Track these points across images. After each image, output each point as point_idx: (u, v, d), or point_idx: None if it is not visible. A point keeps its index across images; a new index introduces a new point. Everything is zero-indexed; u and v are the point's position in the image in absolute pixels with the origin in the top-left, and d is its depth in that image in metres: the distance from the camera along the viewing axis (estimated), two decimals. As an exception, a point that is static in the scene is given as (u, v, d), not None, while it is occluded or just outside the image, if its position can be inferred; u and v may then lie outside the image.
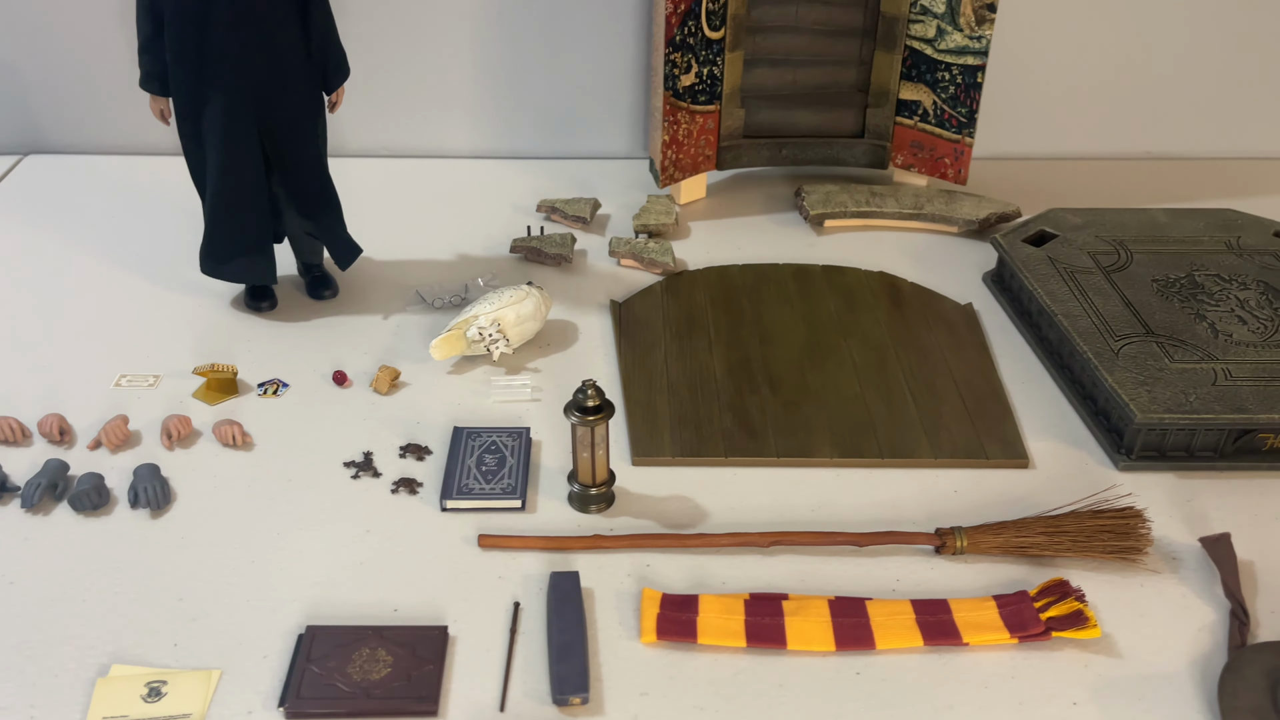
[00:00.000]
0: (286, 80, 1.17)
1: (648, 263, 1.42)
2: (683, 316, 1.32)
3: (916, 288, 1.39)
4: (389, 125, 1.69)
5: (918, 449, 1.11)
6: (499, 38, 1.63)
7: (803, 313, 1.33)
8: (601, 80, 1.67)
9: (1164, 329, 1.19)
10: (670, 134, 1.50)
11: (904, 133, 1.57)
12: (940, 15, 1.47)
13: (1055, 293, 1.26)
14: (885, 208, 1.54)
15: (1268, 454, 1.10)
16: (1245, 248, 1.36)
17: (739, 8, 1.49)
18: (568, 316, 1.33)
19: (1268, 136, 1.75)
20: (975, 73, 1.47)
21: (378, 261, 1.42)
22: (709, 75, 1.51)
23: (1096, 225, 1.40)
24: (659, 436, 1.12)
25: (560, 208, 1.53)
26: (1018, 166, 1.72)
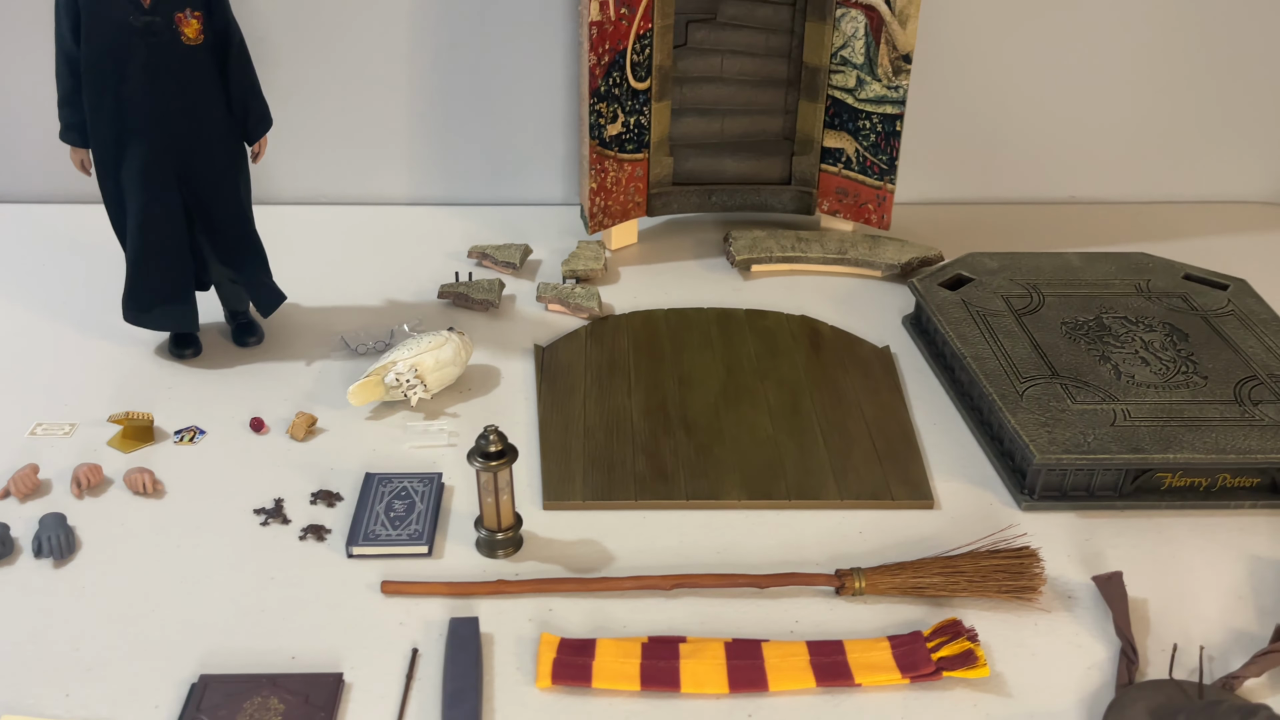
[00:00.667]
0: (206, 132, 1.19)
1: (574, 307, 1.44)
2: (604, 360, 1.34)
3: (836, 331, 1.42)
4: (325, 172, 1.71)
5: (825, 490, 1.13)
6: (435, 86, 1.66)
7: (723, 356, 1.35)
8: (535, 127, 1.70)
9: (1069, 370, 1.22)
10: (598, 182, 1.53)
11: (829, 179, 1.61)
12: (860, 66, 1.51)
13: (966, 336, 1.29)
14: (810, 253, 1.57)
15: (1166, 493, 1.13)
16: (1154, 290, 1.39)
17: (664, 59, 1.53)
18: (491, 361, 1.35)
19: (1183, 181, 1.80)
20: (894, 121, 1.51)
21: (306, 308, 1.44)
22: (636, 124, 1.54)
23: (1012, 269, 1.44)
24: (571, 481, 1.13)
25: (491, 254, 1.55)
26: (942, 211, 1.76)
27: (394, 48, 1.62)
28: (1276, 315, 1.34)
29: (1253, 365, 1.24)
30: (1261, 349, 1.27)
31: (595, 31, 1.43)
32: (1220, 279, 1.42)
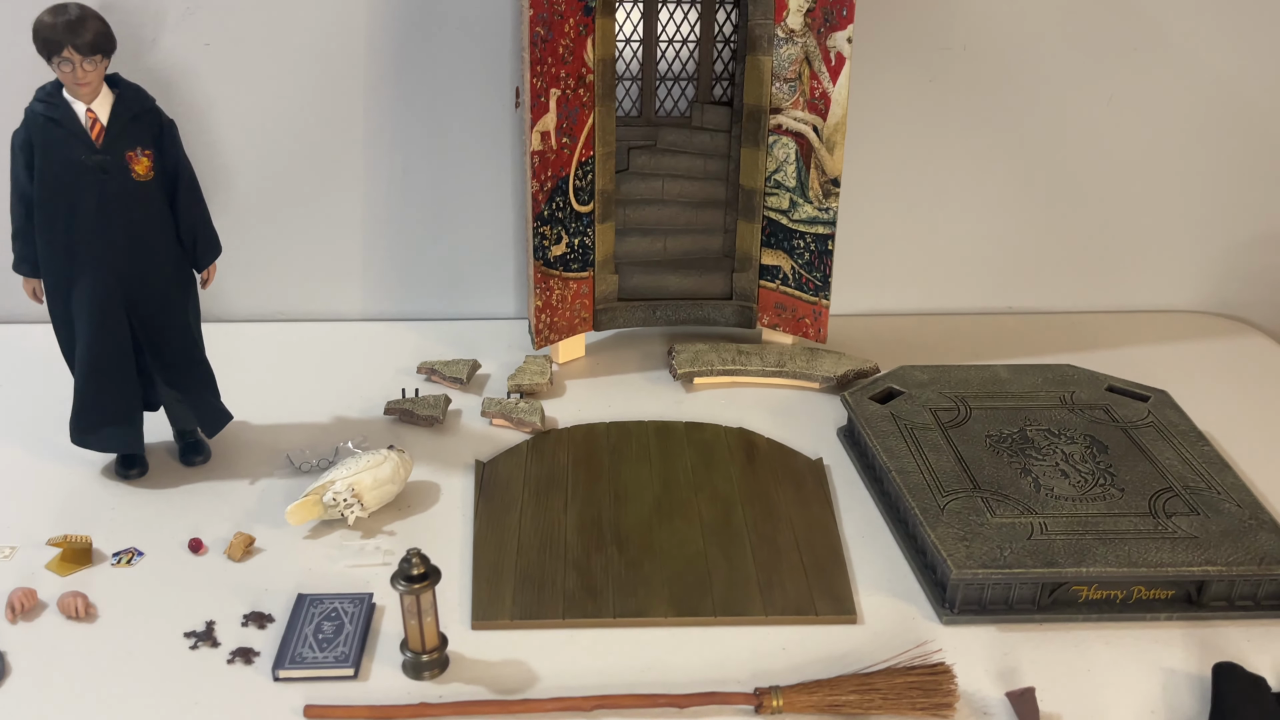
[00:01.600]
0: (154, 261, 1.24)
1: (517, 422, 1.48)
2: (543, 475, 1.37)
3: (772, 443, 1.45)
4: (281, 290, 1.76)
5: (751, 607, 1.15)
6: (389, 207, 1.73)
7: (660, 469, 1.38)
8: (487, 245, 1.76)
9: (990, 484, 1.26)
10: (543, 299, 1.58)
11: (768, 295, 1.67)
12: (792, 189, 1.58)
13: (893, 449, 1.33)
14: (750, 365, 1.62)
15: (1083, 606, 1.15)
16: (1078, 402, 1.44)
17: (606, 183, 1.60)
18: (433, 478, 1.38)
19: (1115, 290, 1.87)
20: (826, 241, 1.58)
21: (254, 426, 1.47)
22: (580, 245, 1.60)
23: (942, 382, 1.49)
24: (500, 600, 1.15)
25: (439, 369, 1.59)
26: (882, 322, 1.82)
27: (350, 170, 1.69)
28: (1195, 427, 1.39)
29: (1168, 477, 1.27)
30: (1178, 460, 1.31)
31: (537, 160, 1.50)
32: (1142, 391, 1.47)
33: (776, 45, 1.52)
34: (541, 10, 1.42)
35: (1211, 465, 1.30)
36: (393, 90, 1.64)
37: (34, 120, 1.17)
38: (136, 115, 1.19)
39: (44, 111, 1.16)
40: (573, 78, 1.49)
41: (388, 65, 1.63)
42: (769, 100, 1.55)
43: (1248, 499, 1.23)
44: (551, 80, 1.47)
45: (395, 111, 1.66)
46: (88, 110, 1.17)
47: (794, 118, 1.55)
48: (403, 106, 1.65)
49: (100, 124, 1.17)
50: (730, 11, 1.59)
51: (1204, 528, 1.18)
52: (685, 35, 1.60)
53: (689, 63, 1.62)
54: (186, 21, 1.56)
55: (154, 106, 1.22)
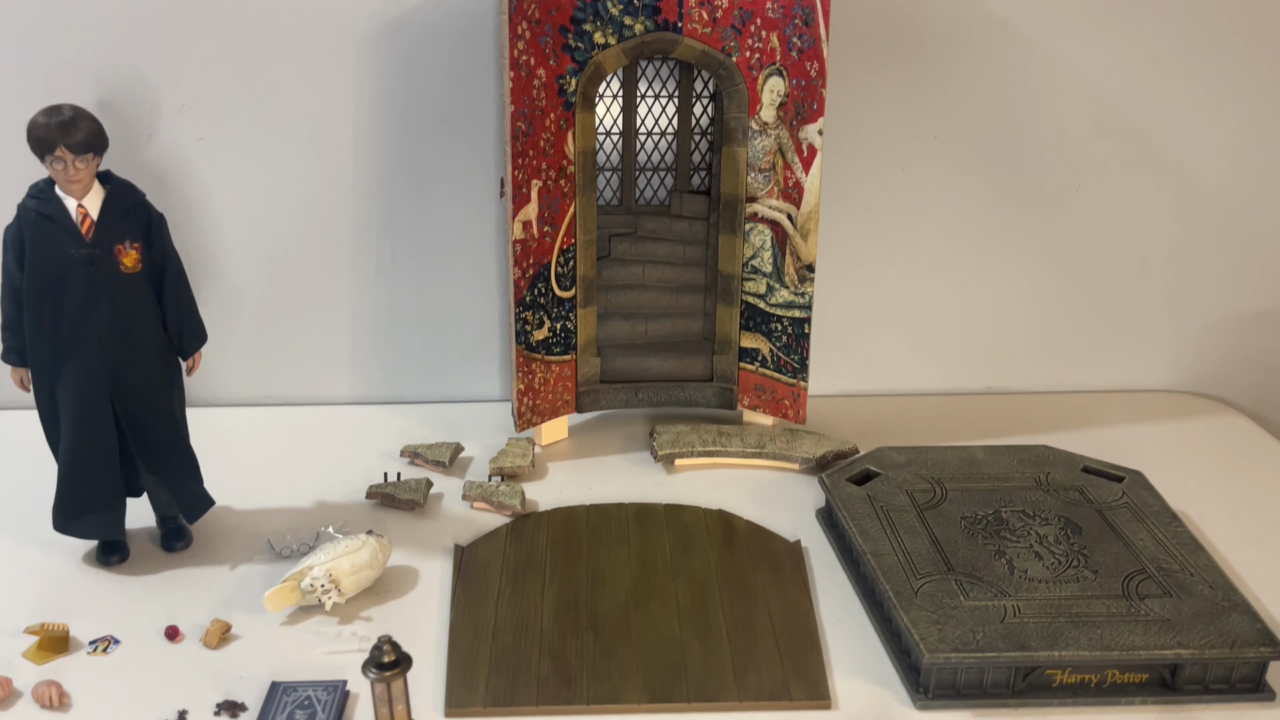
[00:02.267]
0: (140, 350, 1.27)
1: (497, 505, 1.49)
2: (522, 559, 1.37)
3: (751, 525, 1.46)
4: (269, 375, 1.79)
5: (725, 692, 1.15)
6: (376, 293, 1.76)
7: (638, 552, 1.39)
8: (472, 328, 1.79)
9: (964, 566, 1.26)
10: (525, 383, 1.61)
11: (747, 377, 1.69)
12: (769, 275, 1.62)
13: (868, 531, 1.34)
14: (730, 447, 1.63)
15: (1058, 690, 1.15)
16: (1053, 483, 1.45)
17: (588, 270, 1.64)
18: (412, 562, 1.38)
19: (1091, 370, 1.90)
20: (803, 324, 1.61)
21: (237, 511, 1.48)
22: (562, 329, 1.63)
23: (919, 463, 1.50)
24: (474, 687, 1.15)
25: (422, 452, 1.61)
26: (863, 403, 1.84)
27: (339, 258, 1.74)
28: (1168, 507, 1.40)
29: (1142, 559, 1.28)
30: (1152, 542, 1.32)
31: (519, 248, 1.54)
32: (1117, 471, 1.48)
33: (751, 137, 1.57)
34: (523, 106, 1.48)
35: (1185, 546, 1.31)
36: (381, 181, 1.69)
37: (26, 215, 1.21)
38: (126, 210, 1.23)
39: (36, 207, 1.20)
40: (554, 169, 1.54)
41: (377, 158, 1.68)
42: (745, 189, 1.60)
43: (1220, 580, 1.24)
44: (533, 172, 1.52)
45: (384, 201, 1.70)
46: (79, 206, 1.21)
47: (769, 206, 1.59)
48: (391, 196, 1.70)
49: (90, 218, 1.21)
50: (707, 105, 1.65)
51: (1177, 610, 1.19)
52: (664, 128, 1.66)
53: (668, 154, 1.68)
54: (182, 117, 1.62)
55: (143, 201, 1.26)
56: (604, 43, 1.51)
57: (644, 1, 1.50)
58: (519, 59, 1.46)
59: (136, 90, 1.59)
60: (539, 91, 1.49)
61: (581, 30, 1.50)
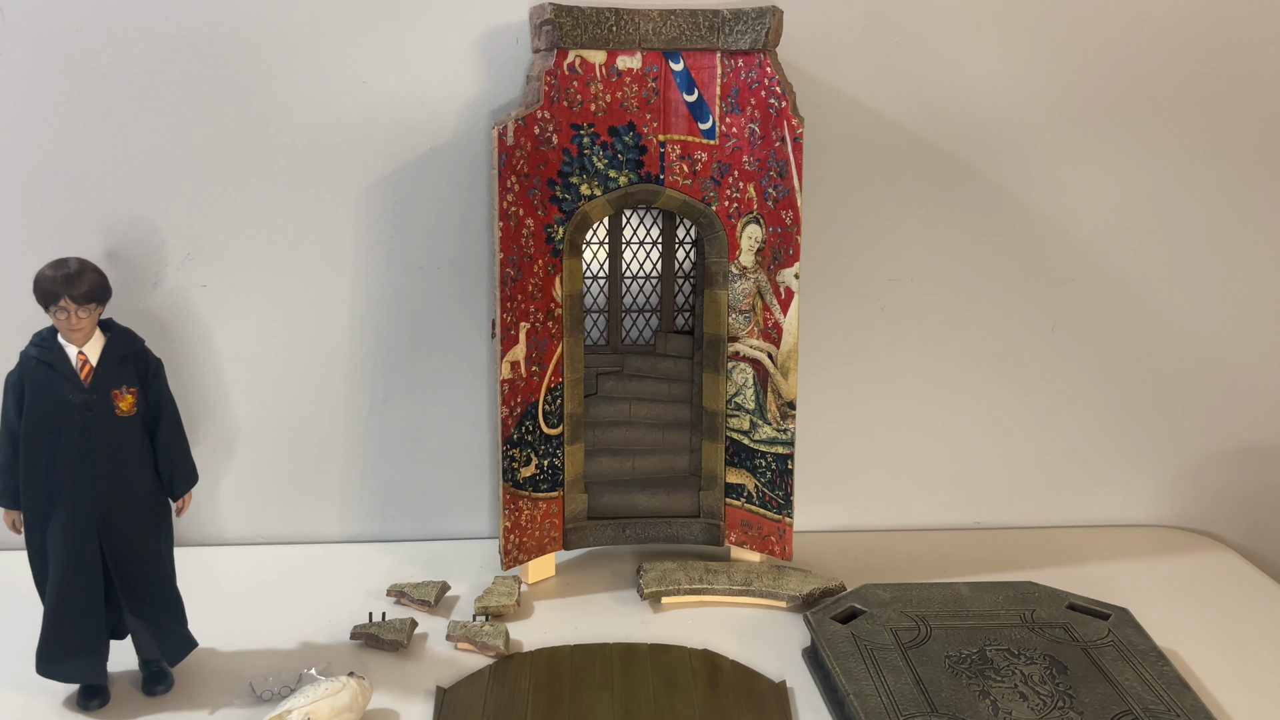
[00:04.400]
0: (131, 492, 1.30)
1: (481, 645, 1.48)
2: (504, 703, 1.36)
3: (736, 665, 1.45)
4: (260, 515, 1.81)
5: (706, 843, 1.12)
6: (368, 431, 1.80)
7: (622, 695, 1.38)
8: (462, 466, 1.82)
9: (948, 707, 1.25)
10: (512, 520, 1.63)
11: (734, 513, 1.71)
12: (751, 411, 1.66)
13: (852, 671, 1.33)
14: (717, 584, 1.63)
15: (1046, 838, 1.13)
16: (1038, 621, 1.45)
17: (575, 407, 1.68)
18: (394, 704, 1.37)
19: (1080, 506, 1.91)
20: (786, 460, 1.63)
21: (221, 653, 1.47)
22: (549, 465, 1.66)
23: (903, 600, 1.50)
24: (450, 837, 1.13)
25: (408, 592, 1.61)
26: (852, 539, 1.85)
27: (333, 399, 1.78)
28: (1155, 646, 1.39)
29: (1128, 699, 1.27)
30: (1138, 682, 1.31)
31: (507, 388, 1.58)
32: (1103, 609, 1.48)
33: (731, 280, 1.64)
34: (511, 254, 1.55)
35: (1171, 686, 1.29)
36: (376, 324, 1.75)
37: (28, 363, 1.26)
38: (125, 356, 1.28)
39: (38, 355, 1.25)
40: (542, 312, 1.60)
41: (373, 302, 1.74)
42: (726, 330, 1.65)
43: (1208, 721, 1.23)
44: (521, 315, 1.58)
45: (379, 344, 1.76)
46: (79, 353, 1.26)
47: (750, 345, 1.64)
48: (386, 339, 1.76)
49: (90, 365, 1.26)
50: (689, 251, 1.72)
51: (1164, 753, 1.17)
52: (649, 272, 1.73)
53: (652, 296, 1.74)
54: (186, 265, 1.69)
55: (142, 347, 1.31)
56: (590, 194, 1.59)
57: (628, 156, 1.59)
58: (508, 210, 1.53)
59: (143, 239, 1.67)
60: (527, 240, 1.56)
61: (568, 183, 1.58)
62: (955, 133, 1.74)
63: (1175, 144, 1.76)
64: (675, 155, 1.60)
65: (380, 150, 1.68)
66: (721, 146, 1.59)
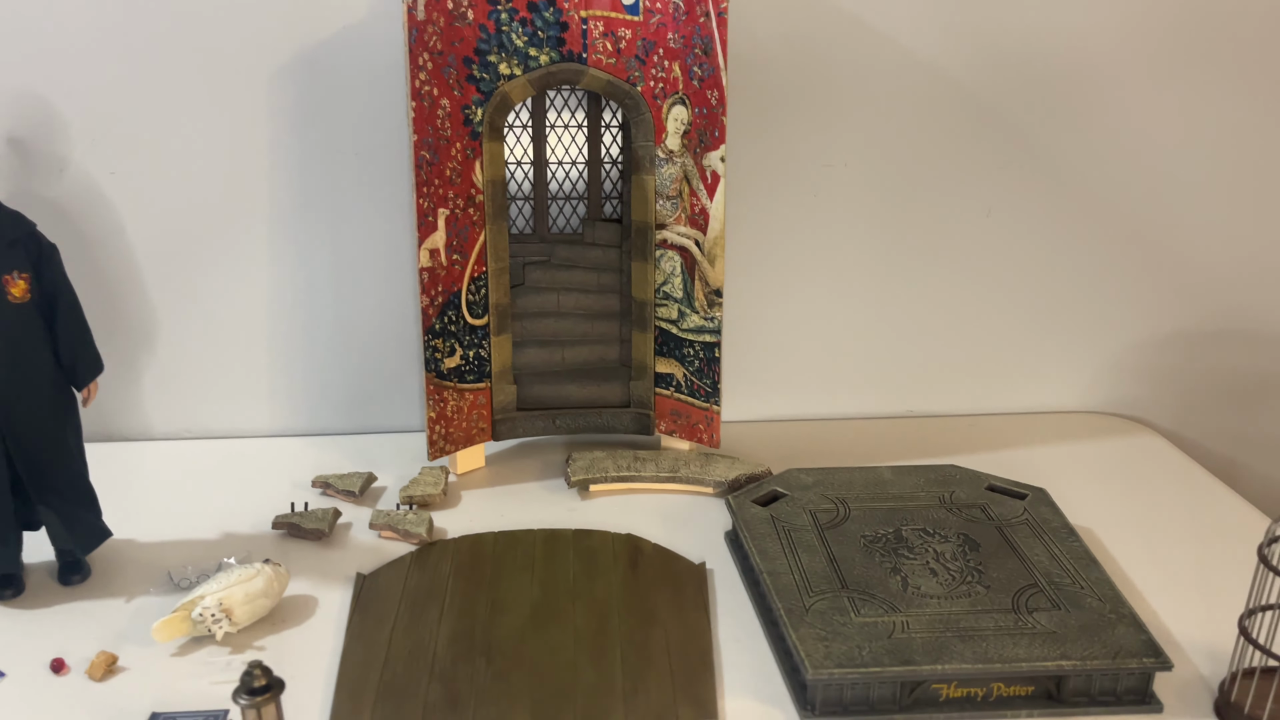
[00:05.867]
0: (30, 382, 1.27)
1: (403, 534, 1.48)
2: (423, 587, 1.37)
3: (658, 549, 1.46)
4: (189, 408, 1.78)
5: (612, 714, 1.14)
6: (293, 323, 1.76)
7: (542, 578, 1.39)
8: (390, 358, 1.80)
9: (858, 583, 1.27)
10: (437, 411, 1.61)
11: (663, 402, 1.70)
12: (680, 300, 1.63)
13: (768, 551, 1.34)
14: (645, 472, 1.63)
15: (944, 704, 1.15)
16: (956, 502, 1.46)
17: (501, 298, 1.65)
18: (313, 591, 1.37)
19: (1008, 394, 1.92)
20: (713, 349, 1.62)
21: (140, 544, 1.46)
22: (475, 357, 1.64)
23: (825, 484, 1.51)
24: (359, 714, 1.14)
25: (333, 483, 1.60)
26: (784, 428, 1.85)
27: (255, 290, 1.74)
28: (1068, 523, 1.41)
29: (1035, 574, 1.29)
30: (1047, 557, 1.33)
31: (426, 277, 1.55)
32: (1020, 489, 1.49)
33: (658, 165, 1.60)
34: (426, 136, 1.49)
35: (1079, 561, 1.32)
36: (295, 212, 1.70)
37: (-87, 249, 1.21)
38: (13, 241, 1.23)
39: (-80, 240, 1.21)
40: (461, 198, 1.56)
41: (291, 189, 1.69)
42: (654, 217, 1.62)
43: (1110, 593, 1.25)
44: (439, 200, 1.53)
45: (298, 233, 1.71)
46: (-36, 238, 1.21)
47: (677, 233, 1.61)
48: (306, 228, 1.71)
49: (-23, 250, 1.21)
50: (616, 135, 1.67)
51: (1064, 623, 1.19)
52: (574, 157, 1.68)
53: (579, 182, 1.70)
54: (92, 151, 1.62)
55: (33, 231, 1.26)
56: (509, 74, 1.53)
57: (549, 33, 1.53)
58: (421, 89, 1.48)
59: (44, 122, 1.60)
60: (443, 121, 1.51)
61: (486, 61, 1.52)
62: (889, 13, 1.68)
63: (1109, 17, 1.72)
64: (598, 32, 1.54)
65: (292, 27, 1.60)
66: (645, 23, 1.53)
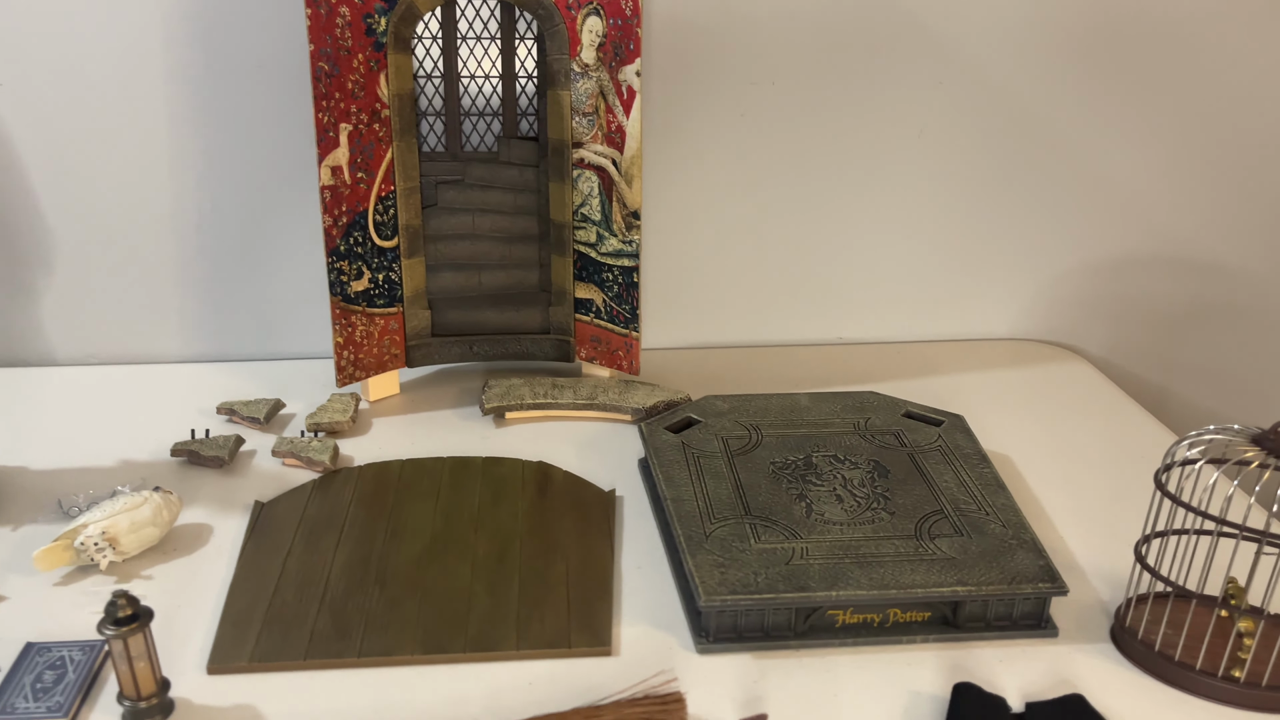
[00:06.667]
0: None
1: (307, 461, 1.44)
2: (323, 515, 1.33)
3: (569, 476, 1.43)
4: (93, 334, 1.72)
5: (504, 642, 1.12)
6: (199, 246, 1.70)
7: (445, 506, 1.36)
8: (301, 283, 1.74)
9: (762, 510, 1.25)
10: (345, 336, 1.56)
11: (583, 328, 1.66)
12: (598, 223, 1.58)
13: (674, 478, 1.32)
14: (562, 399, 1.60)
15: (840, 631, 1.14)
16: (871, 429, 1.44)
17: (411, 219, 1.59)
18: (210, 520, 1.34)
19: (939, 321, 1.89)
20: (631, 273, 1.58)
21: (34, 472, 1.42)
22: (385, 280, 1.59)
23: (741, 410, 1.48)
24: (242, 643, 1.11)
25: (238, 409, 1.55)
26: (706, 355, 1.82)
27: (158, 210, 1.67)
28: (981, 450, 1.39)
29: (941, 499, 1.27)
30: (955, 483, 1.31)
31: (328, 195, 1.48)
32: (938, 416, 1.47)
33: (574, 80, 1.53)
34: (324, 46, 1.42)
35: (987, 487, 1.30)
36: (195, 129, 1.62)
37: None
38: None
39: None
40: (365, 112, 1.49)
41: (190, 103, 1.61)
42: (570, 134, 1.56)
43: (1014, 519, 1.23)
44: (341, 115, 1.46)
45: (200, 150, 1.64)
46: None
47: (594, 151, 1.55)
48: (207, 145, 1.64)
49: None
50: (531, 47, 1.60)
51: (964, 549, 1.18)
52: (487, 72, 1.61)
53: (493, 98, 1.63)
54: (-26, 61, 1.54)
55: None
56: (414, -20, 1.46)
57: (456, -62, 1.45)
58: (316, -4, 1.40)
59: (-82, 31, 1.51)
60: (343, 30, 1.43)
61: (388, -33, 1.44)
62: (820, -81, 1.61)
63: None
64: (508, -62, 1.46)
65: (182, -70, 1.52)
66: (557, -72, 1.45)
